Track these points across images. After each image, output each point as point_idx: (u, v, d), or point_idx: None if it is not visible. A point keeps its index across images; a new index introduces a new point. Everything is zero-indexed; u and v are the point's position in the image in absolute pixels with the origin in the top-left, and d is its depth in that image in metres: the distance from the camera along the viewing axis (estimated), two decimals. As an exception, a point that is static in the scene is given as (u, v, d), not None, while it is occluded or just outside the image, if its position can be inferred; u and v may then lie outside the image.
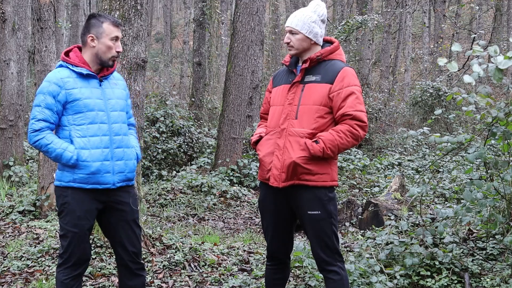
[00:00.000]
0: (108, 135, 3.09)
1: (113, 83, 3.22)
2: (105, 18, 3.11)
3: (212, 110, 15.89)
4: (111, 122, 3.11)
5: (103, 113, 3.09)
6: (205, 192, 8.24)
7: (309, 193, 3.03)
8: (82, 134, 3.03)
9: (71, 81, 3.05)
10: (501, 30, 21.24)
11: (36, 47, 6.76)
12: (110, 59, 3.11)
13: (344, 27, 13.37)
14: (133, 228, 3.22)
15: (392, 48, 21.65)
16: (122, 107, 3.21)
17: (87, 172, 3.02)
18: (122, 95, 3.25)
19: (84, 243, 3.10)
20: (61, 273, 3.10)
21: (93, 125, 3.05)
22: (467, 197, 3.75)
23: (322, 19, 3.15)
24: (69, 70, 3.09)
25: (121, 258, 3.23)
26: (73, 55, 3.14)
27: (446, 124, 13.79)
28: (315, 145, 2.97)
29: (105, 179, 3.06)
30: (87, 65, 3.11)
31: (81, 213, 3.05)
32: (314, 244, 3.09)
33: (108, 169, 3.07)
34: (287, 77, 3.21)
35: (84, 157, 3.02)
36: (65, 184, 3.06)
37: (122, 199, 3.16)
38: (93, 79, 3.12)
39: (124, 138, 3.17)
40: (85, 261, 3.13)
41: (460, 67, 14.81)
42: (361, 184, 9.10)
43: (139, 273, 3.27)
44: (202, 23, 15.02)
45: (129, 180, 3.19)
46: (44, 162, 6.68)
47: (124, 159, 3.15)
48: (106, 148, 3.07)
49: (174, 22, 38.01)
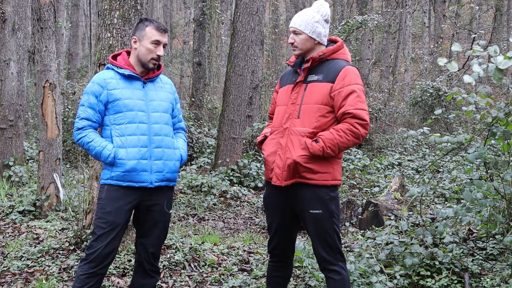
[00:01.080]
0: (147, 134, 3.16)
1: (159, 86, 3.32)
2: (149, 22, 3.23)
3: (212, 110, 15.89)
4: (152, 123, 3.19)
5: (143, 113, 3.17)
6: (205, 192, 8.24)
7: (311, 192, 3.04)
8: (120, 133, 3.13)
9: (114, 82, 3.18)
10: (501, 30, 21.23)
11: (36, 47, 6.76)
12: (149, 61, 3.20)
13: (344, 27, 13.38)
14: (160, 230, 3.28)
15: (392, 48, 21.66)
16: (165, 109, 3.28)
17: (123, 170, 3.11)
18: (167, 98, 3.33)
19: (108, 241, 3.11)
20: (80, 267, 3.15)
21: (132, 124, 3.14)
22: (467, 197, 3.75)
23: (326, 19, 3.17)
24: (114, 71, 3.22)
25: (140, 255, 3.31)
26: (120, 58, 3.28)
27: (446, 124, 13.79)
28: (314, 144, 2.98)
29: (141, 177, 3.13)
30: (131, 67, 3.23)
31: (111, 209, 3.11)
32: (316, 243, 3.09)
33: (145, 167, 3.14)
34: (292, 77, 3.25)
35: (121, 155, 3.11)
36: (103, 181, 3.16)
37: (156, 199, 3.23)
38: (137, 81, 3.23)
39: (165, 139, 3.23)
40: (105, 261, 3.14)
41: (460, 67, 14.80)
42: (361, 184, 9.10)
43: (153, 275, 3.34)
44: (202, 23, 15.02)
45: (168, 181, 3.26)
46: (44, 162, 6.68)
47: (163, 159, 3.21)
48: (144, 147, 3.14)
49: (174, 22, 38.01)
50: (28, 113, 15.36)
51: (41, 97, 6.70)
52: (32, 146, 12.28)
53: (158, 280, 3.42)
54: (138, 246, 3.33)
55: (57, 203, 6.72)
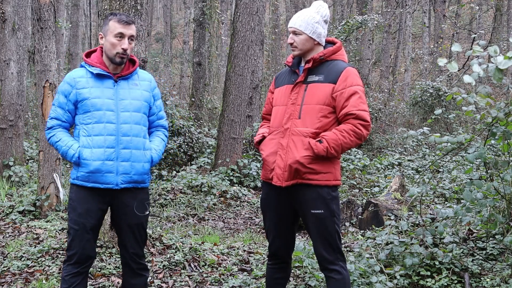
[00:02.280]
0: (114, 135, 3.07)
1: (133, 84, 3.19)
2: (113, 16, 3.11)
3: (212, 110, 15.90)
4: (120, 122, 3.09)
5: (111, 113, 3.07)
6: (205, 192, 8.24)
7: (313, 192, 3.04)
8: (87, 133, 3.06)
9: (83, 81, 3.10)
10: (501, 30, 21.23)
11: (36, 47, 6.76)
12: (115, 56, 3.09)
13: (344, 27, 13.37)
14: (135, 232, 3.20)
15: (392, 48, 21.65)
16: (136, 108, 3.16)
17: (87, 170, 3.04)
18: (141, 96, 3.19)
19: (85, 241, 3.09)
20: (64, 269, 3.13)
21: (99, 124, 3.06)
22: (467, 197, 3.75)
23: (325, 20, 3.17)
24: (85, 70, 3.15)
25: (123, 256, 3.27)
26: (93, 56, 3.19)
27: (446, 124, 13.79)
28: (318, 144, 2.98)
29: (106, 179, 3.06)
30: (103, 65, 3.13)
31: (82, 211, 3.06)
32: (317, 243, 3.09)
33: (110, 169, 3.06)
34: (290, 78, 3.23)
35: (85, 155, 3.04)
36: (71, 181, 3.12)
37: (125, 202, 3.14)
38: (108, 79, 3.12)
39: (133, 139, 3.12)
40: (86, 260, 3.13)
41: (460, 67, 14.81)
42: (361, 184, 9.10)
43: (141, 273, 3.29)
44: (202, 23, 15.02)
45: (135, 183, 3.15)
46: (44, 162, 6.68)
47: (130, 161, 3.10)
48: (110, 148, 3.06)
49: (174, 22, 38.00)
50: (28, 113, 15.37)
51: (41, 97, 6.70)
52: (32, 146, 12.28)
53: (148, 276, 3.37)
54: (121, 249, 3.26)
55: (57, 203, 6.72)
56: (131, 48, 3.14)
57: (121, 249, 3.25)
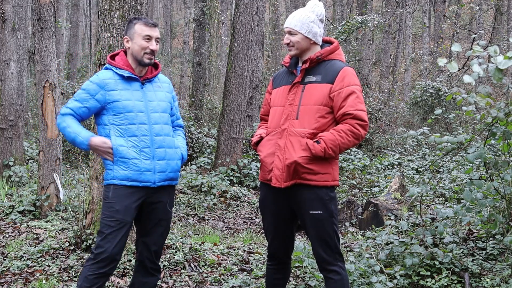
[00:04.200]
0: (148, 135, 3.17)
1: (157, 86, 3.33)
2: (138, 20, 3.25)
3: (212, 110, 15.89)
4: (152, 123, 3.20)
5: (143, 114, 3.18)
6: (205, 192, 8.24)
7: (311, 193, 3.03)
8: (121, 133, 3.15)
9: (112, 83, 3.19)
10: (501, 30, 21.23)
11: (36, 47, 6.76)
12: (143, 56, 3.20)
13: (344, 27, 13.36)
14: (162, 228, 3.30)
15: (392, 48, 21.65)
16: (164, 108, 3.30)
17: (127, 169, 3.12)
18: (165, 98, 3.34)
19: (117, 241, 3.10)
20: (87, 267, 3.13)
21: (132, 125, 3.15)
22: (467, 197, 3.75)
23: (321, 19, 3.15)
24: (113, 72, 3.23)
25: (141, 254, 3.31)
26: (118, 58, 3.28)
27: (446, 124, 13.79)
28: (316, 145, 2.98)
29: (145, 177, 3.14)
30: (130, 68, 3.24)
31: (120, 208, 3.11)
32: (315, 244, 3.09)
33: (148, 168, 3.15)
34: (287, 78, 3.22)
35: (123, 154, 3.12)
36: (107, 181, 3.17)
37: (160, 197, 3.24)
38: (135, 82, 3.24)
39: (166, 139, 3.25)
40: (114, 261, 3.13)
41: (460, 67, 14.81)
42: (361, 184, 9.10)
43: (154, 274, 3.35)
44: (202, 23, 15.01)
45: (171, 180, 3.28)
46: (44, 162, 6.68)
47: (166, 159, 3.22)
48: (146, 147, 3.16)
49: (174, 22, 38.00)
50: (28, 113, 15.36)
51: (41, 97, 6.70)
52: (32, 146, 12.28)
53: (159, 278, 3.42)
54: (139, 245, 3.32)
55: (57, 203, 6.72)
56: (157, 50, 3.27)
57: (141, 248, 3.30)
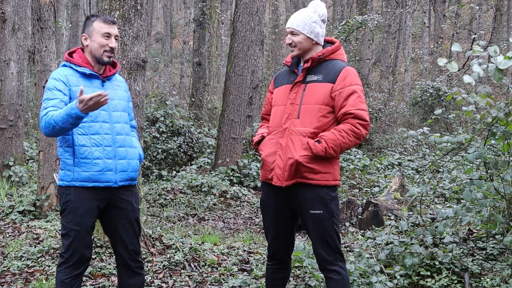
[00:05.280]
0: (110, 133, 3.11)
1: (116, 84, 3.27)
2: (96, 17, 3.18)
3: (212, 110, 15.89)
4: (113, 122, 3.15)
5: (105, 113, 3.12)
6: (205, 192, 8.23)
7: (312, 193, 3.04)
8: (83, 131, 3.06)
9: (74, 79, 3.10)
10: (501, 30, 21.22)
11: (36, 47, 6.76)
12: (103, 54, 3.14)
13: (344, 27, 13.37)
14: (134, 227, 3.25)
15: (392, 48, 21.65)
16: (124, 107, 3.26)
17: (90, 169, 3.04)
18: (124, 97, 3.30)
19: (86, 242, 3.10)
20: (61, 272, 3.10)
21: (95, 123, 3.08)
22: (467, 197, 3.75)
23: (323, 19, 3.16)
24: (72, 70, 3.15)
25: (121, 256, 3.25)
26: (76, 56, 3.20)
27: (446, 124, 13.79)
28: (317, 144, 2.98)
29: (107, 177, 3.08)
30: (90, 66, 3.17)
31: (83, 211, 3.06)
32: (316, 244, 3.09)
33: (110, 167, 3.09)
34: (289, 77, 3.23)
35: (85, 154, 3.04)
36: (67, 183, 3.08)
37: (125, 197, 3.19)
38: (96, 79, 3.17)
39: (126, 138, 3.20)
40: (86, 261, 3.13)
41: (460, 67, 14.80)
42: (361, 184, 9.10)
43: (139, 272, 3.29)
44: (202, 23, 15.01)
45: (132, 180, 3.22)
46: (44, 162, 6.68)
47: (127, 158, 3.17)
48: (108, 146, 3.10)
49: (174, 22, 37.99)
50: (28, 113, 15.36)
51: (41, 97, 6.69)
52: (32, 146, 12.28)
53: (145, 274, 3.37)
54: (116, 248, 3.26)
55: (57, 203, 6.72)
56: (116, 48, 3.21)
57: (119, 249, 3.24)
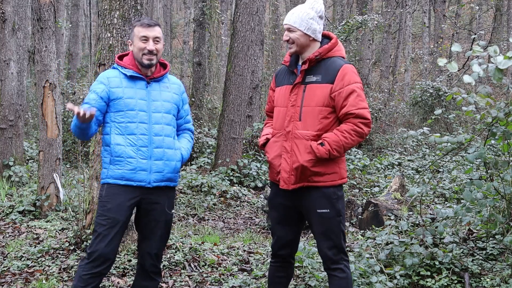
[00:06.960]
0: (147, 134, 3.16)
1: (164, 86, 3.32)
2: (136, 22, 3.27)
3: (212, 110, 15.88)
4: (152, 123, 3.19)
5: (144, 113, 3.18)
6: (205, 192, 8.23)
7: (319, 192, 3.05)
8: (120, 131, 3.14)
9: (117, 80, 3.20)
10: (501, 30, 21.22)
11: (36, 47, 6.75)
12: (142, 58, 3.20)
13: (344, 27, 13.36)
14: (162, 230, 3.27)
15: (392, 48, 21.64)
16: (168, 109, 3.28)
17: (122, 168, 3.12)
18: (171, 99, 3.32)
19: (110, 241, 3.10)
20: (82, 267, 3.13)
21: (132, 123, 3.15)
22: (467, 197, 3.75)
23: (320, 15, 3.14)
24: (118, 71, 3.25)
25: (142, 257, 3.30)
26: (126, 59, 3.30)
27: (446, 124, 13.78)
28: (320, 147, 2.98)
29: (140, 177, 3.13)
30: (135, 68, 3.24)
31: (112, 206, 3.10)
32: (322, 243, 3.10)
33: (144, 167, 3.14)
34: (289, 78, 3.22)
35: (120, 153, 3.12)
36: (103, 180, 3.18)
37: (157, 199, 3.21)
38: (140, 81, 3.24)
39: (165, 139, 3.23)
40: (107, 261, 3.13)
41: (460, 67, 14.81)
42: (361, 184, 9.10)
43: (154, 278, 3.33)
44: (202, 23, 15.01)
45: (169, 181, 3.25)
46: (44, 162, 6.68)
47: (163, 159, 3.20)
48: (143, 146, 3.14)
49: (174, 22, 37.99)
50: (28, 113, 15.36)
51: (41, 97, 6.70)
52: (32, 146, 12.28)
53: (159, 282, 3.41)
54: (141, 249, 3.31)
55: (57, 203, 6.72)
56: (158, 50, 3.22)
57: (142, 251, 3.29)
